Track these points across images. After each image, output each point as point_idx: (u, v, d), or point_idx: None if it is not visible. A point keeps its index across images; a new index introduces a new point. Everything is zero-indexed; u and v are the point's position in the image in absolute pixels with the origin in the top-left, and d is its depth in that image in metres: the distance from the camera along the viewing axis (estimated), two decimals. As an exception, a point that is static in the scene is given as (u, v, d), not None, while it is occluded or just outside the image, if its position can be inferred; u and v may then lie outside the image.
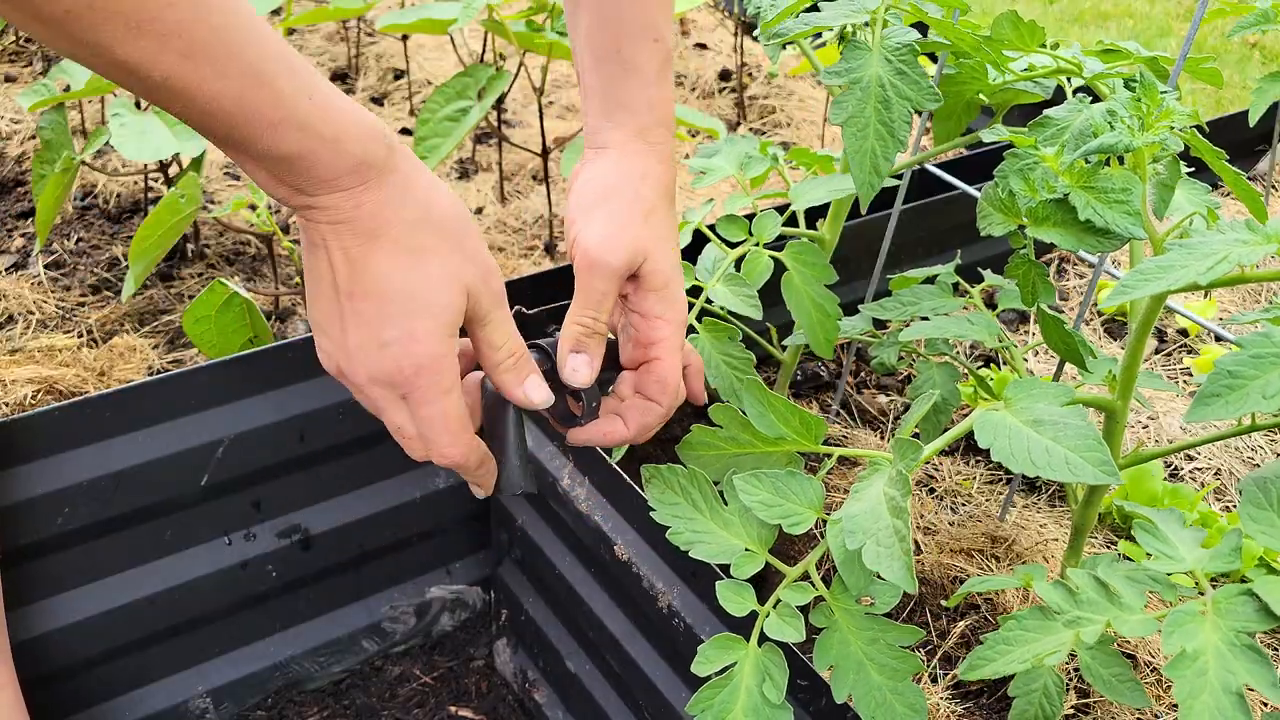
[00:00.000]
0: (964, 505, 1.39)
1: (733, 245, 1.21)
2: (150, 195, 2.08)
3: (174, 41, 0.60)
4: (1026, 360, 1.66)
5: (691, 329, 1.13)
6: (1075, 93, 1.12)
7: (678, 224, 0.92)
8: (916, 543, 1.32)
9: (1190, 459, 1.50)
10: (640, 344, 0.87)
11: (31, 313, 1.78)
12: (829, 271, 1.18)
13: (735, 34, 2.73)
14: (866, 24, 1.02)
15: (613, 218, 0.84)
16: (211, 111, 0.63)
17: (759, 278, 1.17)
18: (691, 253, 1.23)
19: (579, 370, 0.85)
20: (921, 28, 1.43)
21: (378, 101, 2.58)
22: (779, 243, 1.21)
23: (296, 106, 0.65)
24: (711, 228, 1.23)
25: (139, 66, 0.60)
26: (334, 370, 0.76)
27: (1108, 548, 1.35)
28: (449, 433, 0.76)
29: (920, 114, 1.23)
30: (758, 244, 1.20)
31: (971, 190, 1.38)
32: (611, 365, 0.89)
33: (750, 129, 2.59)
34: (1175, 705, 1.10)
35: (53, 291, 1.84)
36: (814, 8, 1.09)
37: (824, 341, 1.19)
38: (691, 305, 1.13)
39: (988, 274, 1.26)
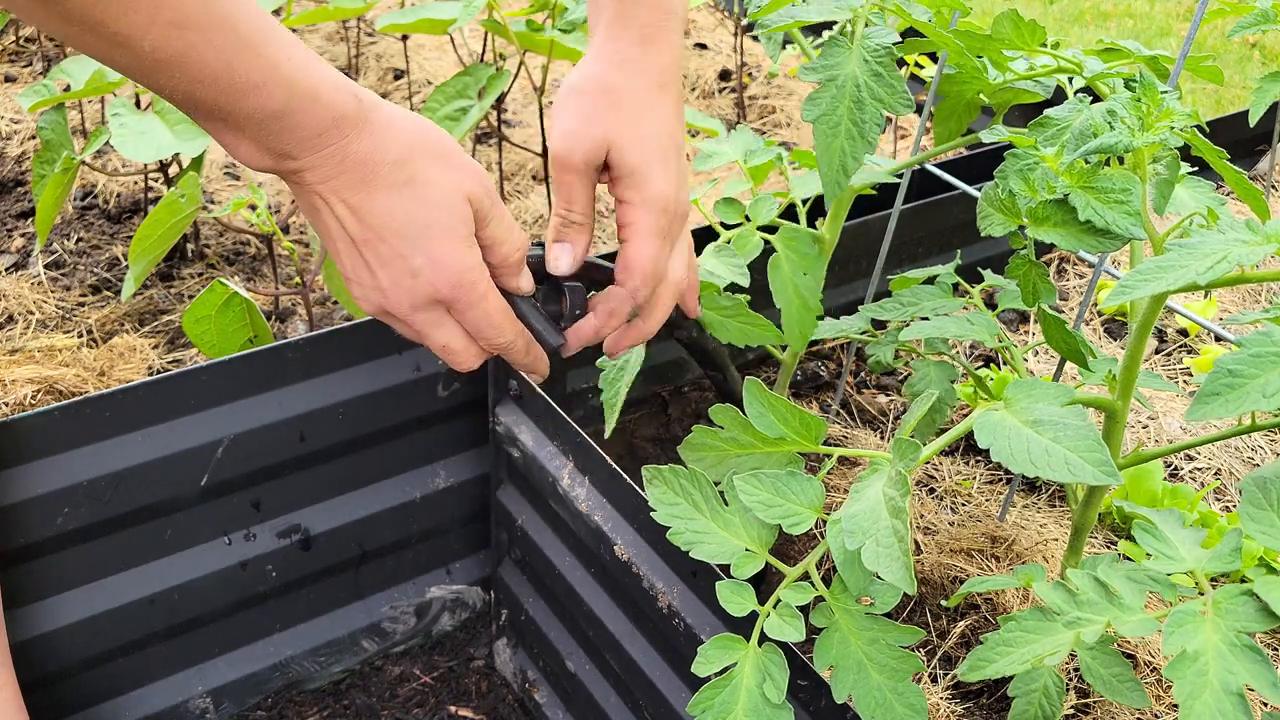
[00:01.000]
0: (964, 505, 1.39)
1: (729, 228, 1.21)
2: (150, 195, 2.08)
3: (165, 12, 0.62)
4: (1026, 360, 1.66)
5: None
6: (1076, 93, 1.12)
7: (675, 105, 0.88)
8: (916, 543, 1.32)
9: (1190, 459, 1.50)
10: (619, 233, 0.88)
11: (31, 313, 1.78)
12: (816, 262, 1.18)
13: (735, 34, 2.73)
14: (850, 24, 1.02)
15: (577, 111, 0.85)
16: (200, 79, 0.66)
17: (748, 255, 1.17)
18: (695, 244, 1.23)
19: (560, 259, 0.87)
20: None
21: (378, 101, 2.57)
22: (776, 231, 1.21)
23: (279, 68, 0.68)
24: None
25: (130, 38, 0.63)
26: (376, 310, 0.81)
27: (1108, 548, 1.35)
28: (496, 326, 0.81)
29: (919, 112, 1.23)
30: (752, 226, 1.20)
31: (971, 190, 1.38)
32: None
33: (750, 129, 2.59)
34: (1175, 705, 1.10)
35: (53, 291, 1.84)
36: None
37: (799, 334, 1.19)
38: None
39: (988, 274, 1.26)
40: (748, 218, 1.21)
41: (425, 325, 0.80)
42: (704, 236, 1.27)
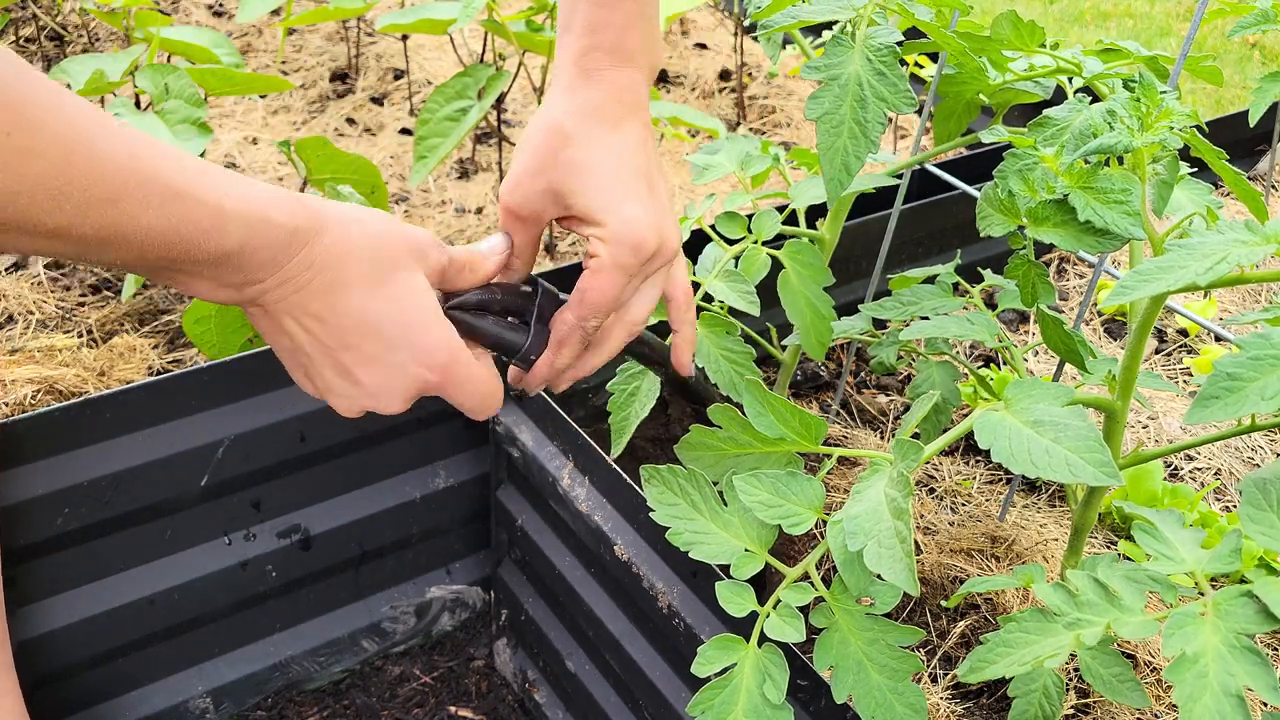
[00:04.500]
0: (964, 505, 1.39)
1: (732, 243, 1.21)
2: (150, 195, 2.08)
3: (96, 190, 0.59)
4: (1026, 360, 1.66)
5: None
6: (1075, 93, 1.12)
7: (640, 139, 0.86)
8: (916, 543, 1.32)
9: (1190, 459, 1.50)
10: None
11: (31, 313, 1.78)
12: (825, 273, 1.18)
13: (735, 34, 2.73)
14: (853, 24, 1.02)
15: (530, 155, 0.83)
16: (149, 242, 0.63)
17: (756, 275, 1.17)
18: (692, 250, 1.23)
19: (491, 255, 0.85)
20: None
21: (378, 101, 2.57)
22: (778, 242, 1.21)
23: (223, 206, 0.65)
24: (712, 226, 1.23)
25: (68, 228, 0.59)
26: (360, 412, 0.78)
27: (1108, 548, 1.35)
28: (486, 396, 0.81)
29: (919, 112, 1.23)
30: (756, 241, 1.20)
31: (971, 190, 1.38)
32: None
33: (750, 129, 2.59)
34: (1175, 705, 1.10)
35: (53, 291, 1.84)
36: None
37: (817, 344, 1.19)
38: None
39: (988, 274, 1.26)
40: (750, 231, 1.21)
41: (406, 404, 0.79)
42: (701, 240, 1.27)
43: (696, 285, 1.18)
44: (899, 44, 0.99)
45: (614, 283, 0.83)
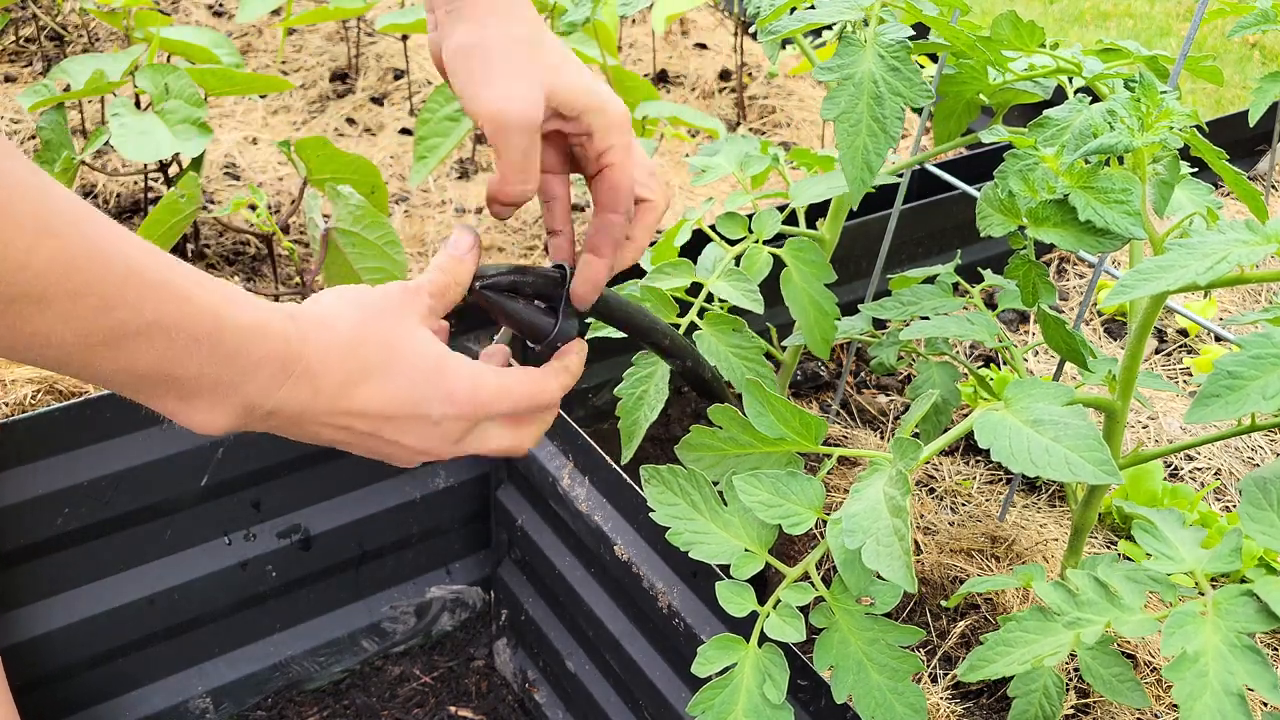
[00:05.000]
0: (964, 505, 1.39)
1: (733, 243, 1.21)
2: (150, 195, 2.08)
3: (89, 300, 0.56)
4: (1026, 360, 1.66)
5: (695, 327, 1.13)
6: (1075, 93, 1.12)
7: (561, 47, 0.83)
8: (916, 543, 1.32)
9: (1190, 459, 1.50)
10: (590, 166, 0.84)
11: (31, 313, 1.78)
12: (828, 270, 1.18)
13: (735, 34, 2.73)
14: (865, 21, 1.02)
15: (512, 71, 0.78)
16: (140, 351, 0.59)
17: (758, 274, 1.17)
18: (692, 252, 1.23)
19: (598, 283, 0.83)
20: (921, 29, 1.43)
21: (378, 101, 2.57)
22: (779, 241, 1.21)
23: (219, 313, 0.62)
24: (712, 227, 1.23)
25: (58, 338, 0.56)
26: (419, 462, 0.78)
27: (1108, 548, 1.35)
28: (531, 395, 0.78)
29: (919, 112, 1.23)
30: (757, 241, 1.20)
31: (971, 190, 1.38)
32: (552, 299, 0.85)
33: (750, 129, 2.59)
34: (1175, 705, 1.10)
35: (53, 291, 1.84)
36: (813, 6, 1.09)
37: (821, 341, 1.19)
38: (691, 304, 1.13)
39: (988, 274, 1.26)
40: (750, 231, 1.21)
41: (472, 447, 0.77)
42: (701, 241, 1.27)
43: (698, 286, 1.18)
44: (910, 39, 0.99)
45: (630, 164, 0.82)
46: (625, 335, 0.94)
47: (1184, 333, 1.77)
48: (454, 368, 0.75)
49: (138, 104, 1.78)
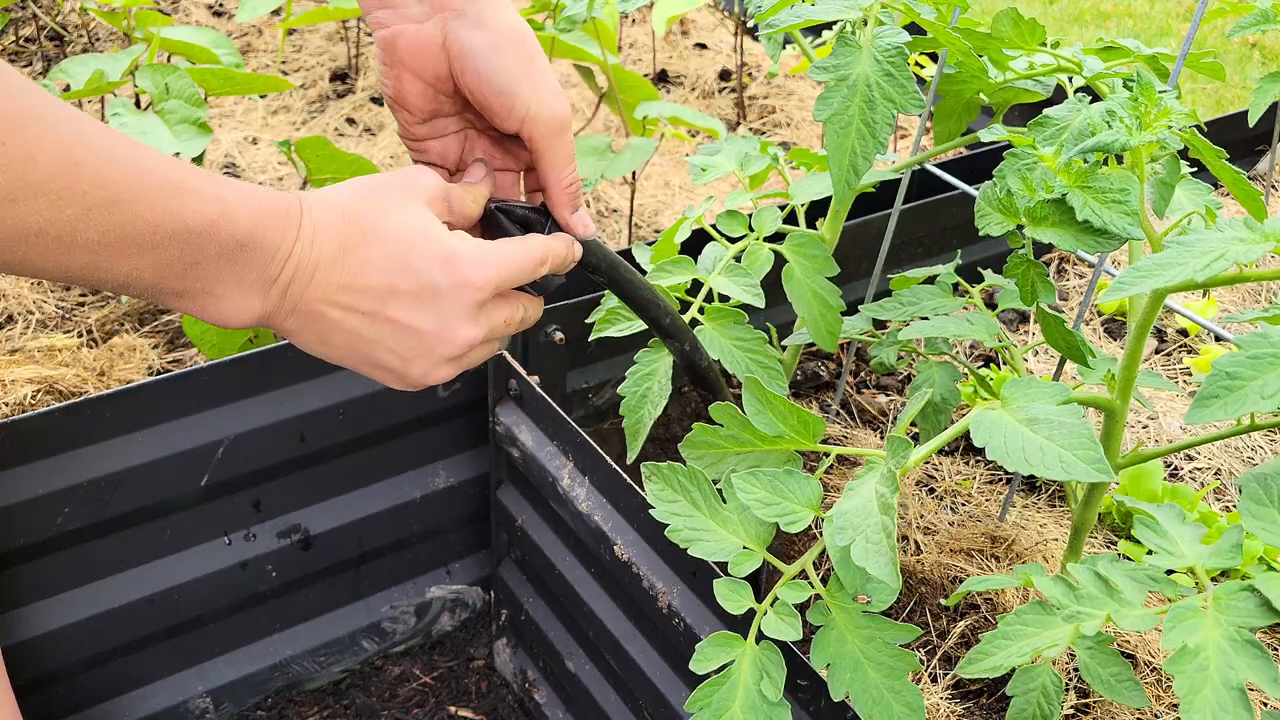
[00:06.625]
0: (964, 505, 1.39)
1: (733, 241, 1.21)
2: (150, 196, 2.08)
3: (97, 193, 0.59)
4: (1027, 360, 1.66)
5: (696, 322, 1.13)
6: (1075, 92, 1.12)
7: None
8: (916, 543, 1.32)
9: (1190, 459, 1.50)
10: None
11: (31, 313, 1.78)
12: (830, 263, 1.17)
13: (735, 34, 2.73)
14: (864, 22, 1.02)
15: (547, 69, 0.80)
16: (161, 241, 0.63)
17: (759, 270, 1.17)
18: (692, 251, 1.23)
19: (587, 223, 0.85)
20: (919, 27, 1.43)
21: (378, 101, 2.58)
22: (779, 239, 1.21)
23: (223, 195, 0.66)
24: (713, 225, 1.23)
25: (73, 235, 0.60)
26: (454, 367, 0.77)
27: (1107, 548, 1.35)
28: (521, 266, 0.78)
29: (919, 116, 1.23)
30: (758, 238, 1.20)
31: (971, 190, 1.38)
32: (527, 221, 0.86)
33: (750, 129, 2.59)
34: (1175, 705, 1.10)
35: (52, 291, 1.84)
36: (813, 3, 1.09)
37: (826, 334, 1.19)
38: (691, 303, 1.13)
39: (988, 274, 1.26)
40: (751, 229, 1.21)
41: (485, 326, 0.77)
42: (701, 239, 1.27)
43: (699, 284, 1.18)
44: (906, 43, 0.99)
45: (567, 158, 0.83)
46: (624, 336, 0.94)
47: (1184, 332, 1.77)
48: (446, 235, 0.75)
49: (138, 104, 1.78)
